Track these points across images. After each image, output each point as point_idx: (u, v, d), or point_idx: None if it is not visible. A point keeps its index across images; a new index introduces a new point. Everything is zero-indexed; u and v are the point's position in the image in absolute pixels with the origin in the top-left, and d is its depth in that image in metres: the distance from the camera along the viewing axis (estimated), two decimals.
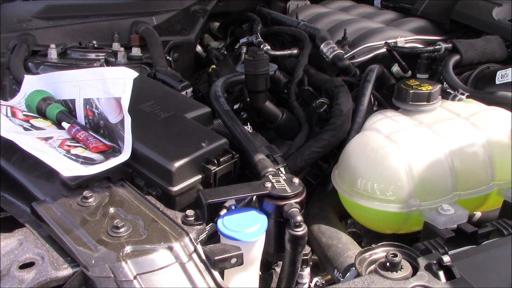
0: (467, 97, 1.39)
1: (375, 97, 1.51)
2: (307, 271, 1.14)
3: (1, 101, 1.31)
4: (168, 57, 1.97)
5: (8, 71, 1.68)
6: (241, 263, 0.90)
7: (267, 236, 1.01)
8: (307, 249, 1.12)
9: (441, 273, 0.84)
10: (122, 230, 0.89)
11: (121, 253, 0.84)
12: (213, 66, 1.91)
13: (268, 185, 1.02)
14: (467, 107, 1.29)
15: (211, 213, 0.98)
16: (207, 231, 0.97)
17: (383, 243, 0.98)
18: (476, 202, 1.20)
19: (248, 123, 1.48)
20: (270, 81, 1.50)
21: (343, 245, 1.16)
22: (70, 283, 0.82)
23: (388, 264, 0.87)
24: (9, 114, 1.25)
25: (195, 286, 0.83)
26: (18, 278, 0.79)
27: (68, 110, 1.27)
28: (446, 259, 0.85)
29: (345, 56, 1.68)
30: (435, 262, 0.86)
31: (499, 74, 1.52)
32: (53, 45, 1.78)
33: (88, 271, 0.81)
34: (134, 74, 1.17)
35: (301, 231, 0.96)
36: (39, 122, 1.24)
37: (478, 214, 1.31)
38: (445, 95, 1.38)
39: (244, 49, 1.96)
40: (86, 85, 1.26)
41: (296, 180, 1.05)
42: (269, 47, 1.82)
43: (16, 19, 1.95)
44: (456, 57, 1.58)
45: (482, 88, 1.55)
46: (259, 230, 0.96)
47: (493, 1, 1.85)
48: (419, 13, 2.01)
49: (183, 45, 2.08)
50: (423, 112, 1.27)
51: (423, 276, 0.85)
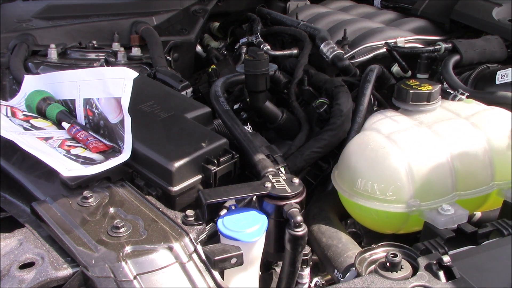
0: (467, 97, 1.39)
1: (375, 97, 1.51)
2: (307, 271, 1.14)
3: (1, 101, 1.31)
4: (168, 57, 1.97)
5: (8, 71, 1.68)
6: (241, 263, 0.90)
7: (267, 236, 1.01)
8: (307, 249, 1.12)
9: (441, 273, 0.84)
10: (122, 230, 0.89)
11: (121, 253, 0.84)
12: (213, 66, 1.91)
13: (268, 185, 1.02)
14: (467, 107, 1.29)
15: (211, 213, 0.98)
16: (207, 231, 0.97)
17: (383, 243, 0.98)
18: (476, 202, 1.20)
19: (248, 123, 1.48)
20: (270, 81, 1.50)
21: (343, 245, 1.16)
22: (70, 283, 0.82)
23: (388, 264, 0.87)
24: (9, 114, 1.25)
25: (195, 286, 0.83)
26: (18, 278, 0.79)
27: (68, 110, 1.27)
28: (446, 259, 0.85)
29: (345, 56, 1.68)
30: (435, 262, 0.86)
31: (499, 74, 1.52)
32: (53, 45, 1.78)
33: (88, 271, 0.81)
34: (134, 74, 1.17)
35: (301, 231, 0.96)
36: (39, 122, 1.24)
37: (478, 214, 1.31)
38: (445, 95, 1.38)
39: (244, 49, 1.96)
40: (86, 85, 1.26)
41: (296, 180, 1.05)
42: (269, 47, 1.82)
43: (16, 19, 1.95)
44: (456, 57, 1.58)
45: (482, 88, 1.55)
46: (259, 230, 0.96)
47: (493, 1, 1.85)
48: (419, 13, 2.01)
49: (183, 45, 2.08)
50: (423, 112, 1.27)
51: (423, 276, 0.85)
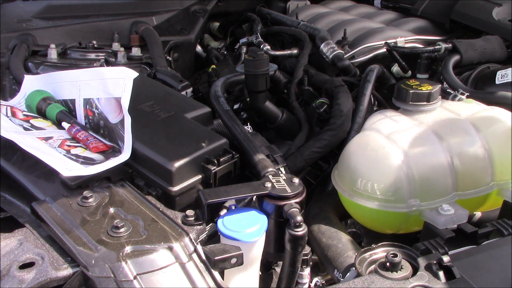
0: (467, 97, 1.39)
1: (375, 97, 1.51)
2: (307, 271, 1.14)
3: (1, 101, 1.31)
4: (168, 57, 1.97)
5: (8, 71, 1.68)
6: (241, 263, 0.90)
7: (267, 236, 1.01)
8: (307, 249, 1.12)
9: (441, 273, 0.84)
10: (122, 230, 0.89)
11: (121, 253, 0.84)
12: (213, 66, 1.91)
13: (268, 185, 1.02)
14: (467, 107, 1.29)
15: (211, 213, 0.98)
16: (207, 231, 0.97)
17: (383, 243, 0.98)
18: (476, 202, 1.20)
19: (248, 123, 1.48)
20: (270, 81, 1.50)
21: (343, 245, 1.16)
22: (70, 283, 0.82)
23: (388, 264, 0.87)
24: (9, 114, 1.25)
25: (195, 286, 0.83)
26: (18, 278, 0.79)
27: (68, 110, 1.27)
28: (446, 259, 0.85)
29: (345, 56, 1.68)
30: (435, 262, 0.86)
31: (499, 74, 1.52)
32: (53, 45, 1.78)
33: (88, 271, 0.81)
34: (134, 74, 1.18)
35: (301, 231, 0.96)
36: (39, 122, 1.24)
37: (478, 214, 1.31)
38: (445, 95, 1.38)
39: (244, 49, 1.96)
40: (86, 85, 1.26)
41: (296, 180, 1.05)
42: (269, 47, 1.82)
43: (16, 19, 1.95)
44: (456, 57, 1.58)
45: (482, 88, 1.55)
46: (259, 230, 0.96)
47: (493, 1, 1.85)
48: (419, 13, 2.01)
49: (183, 45, 2.08)
50: (423, 112, 1.27)
51: (423, 276, 0.85)
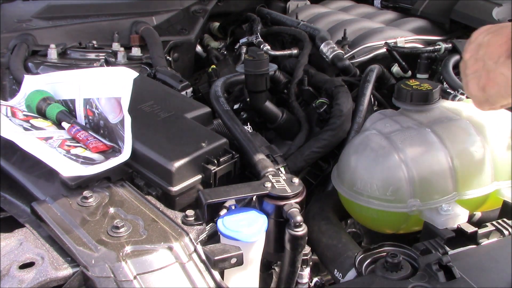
0: (467, 97, 1.39)
1: (375, 97, 1.51)
2: (307, 271, 1.14)
3: (1, 101, 1.31)
4: (168, 57, 1.97)
5: (8, 71, 1.69)
6: (241, 263, 0.90)
7: (267, 236, 1.01)
8: (307, 249, 1.11)
9: (441, 273, 0.84)
10: (122, 230, 0.89)
11: (121, 253, 0.84)
12: (213, 66, 1.91)
13: (268, 185, 1.02)
14: (467, 107, 1.29)
15: (211, 213, 0.98)
16: (207, 231, 0.97)
17: (383, 243, 0.98)
18: (476, 202, 1.20)
19: (248, 123, 1.48)
20: (270, 81, 1.50)
21: (343, 245, 1.16)
22: (70, 283, 0.82)
23: (388, 264, 0.87)
24: (9, 114, 1.25)
25: (195, 286, 0.83)
26: (18, 278, 0.79)
27: (68, 110, 1.27)
28: (446, 259, 0.85)
29: (345, 56, 1.68)
30: (435, 262, 0.86)
31: None
32: (53, 45, 1.78)
33: (88, 271, 0.81)
34: (134, 74, 1.18)
35: (301, 231, 0.96)
36: (39, 122, 1.24)
37: (478, 214, 1.31)
38: (445, 95, 1.38)
39: (244, 49, 1.96)
40: (86, 85, 1.26)
41: (296, 180, 1.05)
42: (269, 47, 1.82)
43: (16, 19, 1.95)
44: (456, 57, 1.58)
45: None
46: (259, 230, 0.96)
47: (493, 1, 1.85)
48: (419, 13, 2.01)
49: (183, 45, 2.08)
50: (423, 112, 1.27)
51: (423, 276, 0.85)
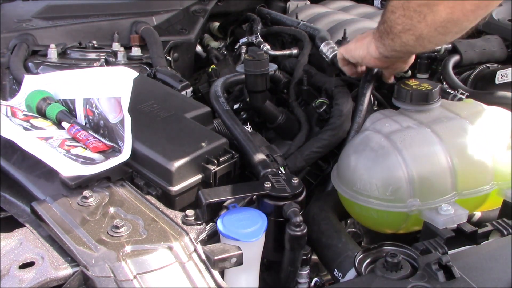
0: (467, 97, 1.39)
1: (375, 97, 1.51)
2: (306, 271, 1.14)
3: (1, 101, 1.31)
4: (168, 57, 1.97)
5: (8, 71, 1.68)
6: (241, 263, 0.90)
7: (267, 236, 1.01)
8: (307, 249, 1.12)
9: (440, 273, 0.84)
10: (122, 230, 0.89)
11: (121, 253, 0.84)
12: (213, 66, 1.91)
13: (268, 185, 1.02)
14: (467, 107, 1.29)
15: (211, 213, 0.98)
16: (207, 231, 0.97)
17: (383, 243, 0.98)
18: (476, 202, 1.20)
19: (248, 123, 1.48)
20: (270, 81, 1.50)
21: (343, 245, 1.16)
22: (70, 283, 0.82)
23: (387, 264, 0.87)
24: (9, 114, 1.25)
25: (195, 286, 0.83)
26: (18, 278, 0.79)
27: (68, 110, 1.27)
28: (446, 259, 0.85)
29: None
30: (434, 262, 0.86)
31: (499, 74, 1.52)
32: (53, 45, 1.78)
33: (88, 270, 0.81)
34: (134, 74, 1.18)
35: (301, 231, 0.96)
36: (39, 122, 1.24)
37: (478, 214, 1.31)
38: (445, 95, 1.38)
39: (244, 49, 1.96)
40: (86, 85, 1.26)
41: (296, 180, 1.05)
42: (269, 47, 1.82)
43: (16, 19, 1.95)
44: (455, 57, 1.58)
45: (482, 88, 1.55)
46: (259, 230, 0.96)
47: None
48: None
49: (183, 45, 2.08)
50: (423, 112, 1.27)
51: (423, 275, 0.85)
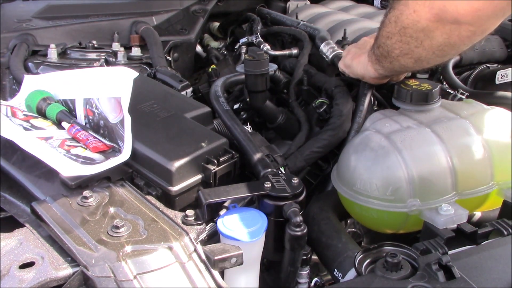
0: (467, 97, 1.39)
1: (375, 97, 1.51)
2: (306, 271, 1.14)
3: (1, 101, 1.31)
4: (168, 57, 1.97)
5: (8, 71, 1.68)
6: (241, 263, 0.90)
7: (267, 236, 1.01)
8: (307, 249, 1.12)
9: (440, 273, 0.84)
10: (122, 230, 0.89)
11: (121, 253, 0.84)
12: (213, 66, 1.91)
13: (268, 185, 1.02)
14: (467, 107, 1.29)
15: (211, 213, 0.98)
16: (207, 231, 0.97)
17: (383, 243, 0.98)
18: (476, 202, 1.20)
19: (248, 123, 1.48)
20: (270, 81, 1.50)
21: (343, 245, 1.16)
22: (70, 283, 0.82)
23: (387, 264, 0.87)
24: (9, 114, 1.25)
25: (195, 286, 0.83)
26: (18, 278, 0.79)
27: (68, 110, 1.27)
28: (446, 259, 0.85)
29: None
30: (435, 262, 0.86)
31: (499, 74, 1.52)
32: (53, 45, 1.78)
33: (88, 270, 0.81)
34: (134, 74, 1.18)
35: (301, 231, 0.96)
36: (39, 122, 1.24)
37: (478, 214, 1.31)
38: (445, 95, 1.38)
39: (244, 49, 1.96)
40: (86, 85, 1.26)
41: (296, 180, 1.05)
42: (269, 47, 1.82)
43: (16, 19, 1.95)
44: (456, 57, 1.58)
45: (482, 88, 1.55)
46: (259, 230, 0.96)
47: None
48: None
49: (183, 45, 2.08)
50: (423, 112, 1.27)
51: (423, 276, 0.85)
